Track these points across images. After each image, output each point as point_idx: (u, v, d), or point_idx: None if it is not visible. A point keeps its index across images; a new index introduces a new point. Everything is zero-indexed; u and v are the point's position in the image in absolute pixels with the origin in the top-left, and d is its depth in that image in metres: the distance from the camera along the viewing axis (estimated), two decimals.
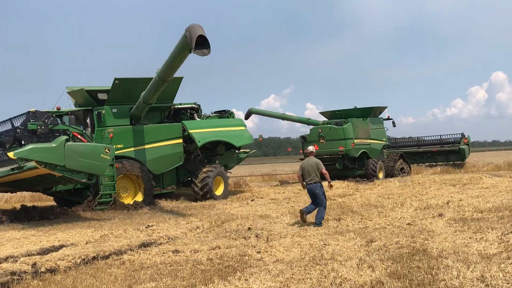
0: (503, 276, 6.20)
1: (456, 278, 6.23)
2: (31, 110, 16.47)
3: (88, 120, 18.59)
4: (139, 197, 18.26)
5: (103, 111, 18.06)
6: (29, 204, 18.68)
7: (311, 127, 29.34)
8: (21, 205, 17.34)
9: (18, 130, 14.43)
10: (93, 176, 14.62)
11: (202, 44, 14.42)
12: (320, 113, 30.52)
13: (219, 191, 20.17)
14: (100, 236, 11.31)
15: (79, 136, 15.62)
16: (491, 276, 6.18)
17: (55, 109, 17.63)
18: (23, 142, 14.52)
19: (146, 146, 18.37)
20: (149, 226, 12.48)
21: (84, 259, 8.76)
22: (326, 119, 29.35)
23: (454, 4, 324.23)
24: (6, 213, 16.05)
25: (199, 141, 19.72)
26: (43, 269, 8.11)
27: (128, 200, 18.15)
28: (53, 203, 21.66)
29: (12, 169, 14.15)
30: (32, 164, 13.31)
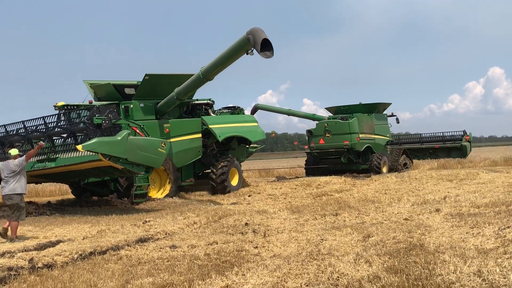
0: (500, 271, 6.20)
1: (453, 273, 6.24)
2: (59, 103, 17.11)
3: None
4: (166, 190, 18.80)
5: (131, 106, 18.54)
6: (25, 200, 18.68)
7: (310, 122, 29.76)
8: None
9: (83, 124, 15.08)
10: (149, 168, 15.31)
11: (264, 46, 15.24)
12: (325, 108, 30.97)
13: (234, 182, 20.94)
14: (97, 232, 11.32)
15: (137, 131, 16.14)
16: (487, 271, 6.19)
17: (87, 102, 18.02)
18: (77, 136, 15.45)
19: (171, 140, 18.62)
20: (146, 221, 12.48)
21: (81, 255, 8.76)
22: (331, 114, 29.68)
23: (451, 0, 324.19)
24: (2, 208, 16.06)
25: (219, 136, 20.53)
26: (40, 265, 8.10)
27: (154, 193, 18.66)
28: (49, 198, 21.67)
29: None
30: (96, 156, 13.97)
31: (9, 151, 11.73)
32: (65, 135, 16.21)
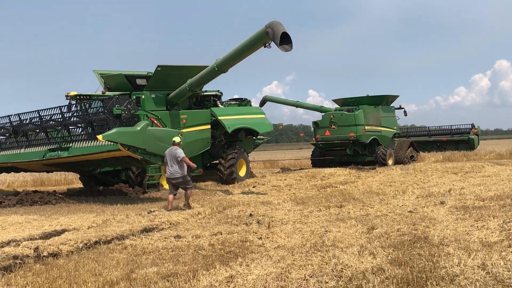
0: (504, 264, 6.20)
1: (457, 265, 6.24)
2: (72, 93, 17.31)
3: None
4: None
5: (143, 96, 18.67)
6: (31, 189, 18.78)
7: (316, 113, 29.86)
8: (23, 190, 17.50)
9: (103, 114, 15.31)
10: None
11: (283, 40, 15.28)
12: (333, 100, 31.05)
13: (241, 173, 21.24)
14: (102, 221, 11.36)
15: (155, 122, 16.40)
16: (492, 264, 6.19)
17: (100, 92, 18.20)
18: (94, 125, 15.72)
19: (182, 131, 18.76)
20: (151, 211, 12.53)
21: (86, 244, 8.80)
22: (338, 106, 29.70)
23: None
24: (8, 196, 16.18)
25: (229, 128, 20.76)
26: (45, 253, 8.15)
27: (165, 183, 18.62)
28: (55, 187, 21.76)
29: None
30: (116, 146, 14.17)
31: (173, 139, 13.64)
32: (81, 125, 16.37)
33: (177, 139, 13.65)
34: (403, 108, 30.94)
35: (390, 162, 27.23)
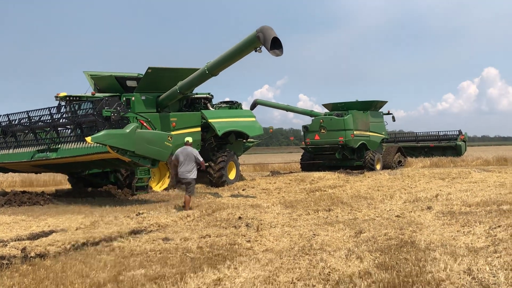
0: (490, 269, 6.27)
1: (443, 270, 6.30)
2: (61, 94, 17.22)
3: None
4: (165, 183, 19.01)
5: (133, 98, 18.61)
6: (19, 189, 18.66)
7: (306, 118, 29.98)
8: (11, 190, 17.38)
9: (92, 116, 15.13)
10: (156, 162, 15.38)
11: (274, 45, 15.34)
12: (322, 104, 31.22)
13: (231, 175, 21.19)
14: (90, 223, 11.31)
15: (144, 124, 16.37)
16: (477, 269, 6.25)
17: (89, 94, 18.12)
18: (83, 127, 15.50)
19: (172, 133, 18.75)
20: (139, 213, 12.49)
21: (74, 245, 8.76)
22: (328, 111, 29.87)
23: None
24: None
25: (219, 130, 20.72)
26: (32, 254, 8.11)
27: (153, 185, 18.80)
28: (43, 188, 21.64)
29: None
30: (105, 148, 14.00)
31: (186, 139, 14.27)
32: (70, 127, 16.29)
33: (189, 139, 14.23)
34: (391, 113, 31.16)
35: (378, 167, 27.42)
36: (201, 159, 13.91)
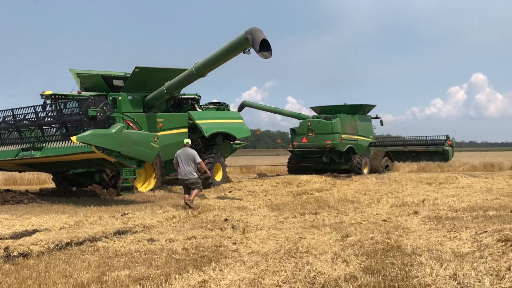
0: (475, 274, 6.27)
1: (429, 275, 6.29)
2: (47, 92, 17.06)
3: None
4: (151, 184, 18.92)
5: (119, 97, 18.56)
6: (3, 188, 18.47)
7: (294, 120, 30.04)
8: None
9: (78, 115, 15.00)
10: (141, 162, 15.28)
11: (263, 47, 15.37)
12: (310, 107, 31.26)
13: (218, 177, 21.25)
14: (74, 222, 11.21)
15: (130, 124, 16.27)
16: (463, 275, 6.25)
17: (75, 92, 17.98)
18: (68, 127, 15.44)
19: (159, 134, 18.63)
20: (124, 214, 12.41)
21: (57, 245, 8.67)
22: (316, 114, 29.88)
23: (437, 4, 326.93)
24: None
25: (206, 132, 20.76)
26: (15, 253, 8.01)
27: (139, 186, 18.72)
28: (28, 187, 21.45)
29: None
30: (90, 148, 13.92)
31: (185, 140, 14.71)
32: (55, 125, 16.16)
33: (188, 140, 14.69)
34: (379, 117, 31.25)
35: (365, 170, 27.52)
36: (201, 161, 14.20)
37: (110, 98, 18.28)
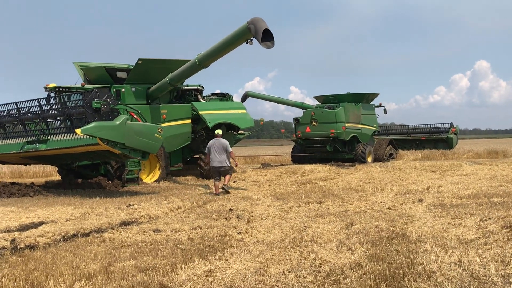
0: (480, 261, 6.28)
1: (434, 262, 6.30)
2: (51, 85, 17.12)
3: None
4: (156, 175, 18.96)
5: (123, 89, 18.57)
6: (8, 181, 18.55)
7: (297, 110, 29.99)
8: (0, 182, 17.29)
9: (82, 107, 15.02)
10: (146, 154, 15.33)
11: (265, 36, 15.30)
12: (314, 97, 31.19)
13: None
14: (80, 214, 11.26)
15: (134, 116, 16.26)
16: (468, 261, 6.26)
17: (78, 85, 18.01)
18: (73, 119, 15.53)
19: (162, 125, 18.64)
20: (130, 205, 12.45)
21: (64, 236, 8.71)
22: (319, 103, 29.84)
23: None
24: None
25: (209, 122, 20.65)
26: (22, 245, 8.04)
27: (144, 177, 18.77)
28: (33, 179, 21.54)
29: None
30: (95, 140, 13.98)
31: (216, 131, 15.66)
32: (59, 118, 16.19)
33: (219, 131, 15.65)
34: (383, 106, 31.18)
35: (369, 159, 27.51)
36: (233, 152, 15.35)
37: (114, 90, 18.28)
